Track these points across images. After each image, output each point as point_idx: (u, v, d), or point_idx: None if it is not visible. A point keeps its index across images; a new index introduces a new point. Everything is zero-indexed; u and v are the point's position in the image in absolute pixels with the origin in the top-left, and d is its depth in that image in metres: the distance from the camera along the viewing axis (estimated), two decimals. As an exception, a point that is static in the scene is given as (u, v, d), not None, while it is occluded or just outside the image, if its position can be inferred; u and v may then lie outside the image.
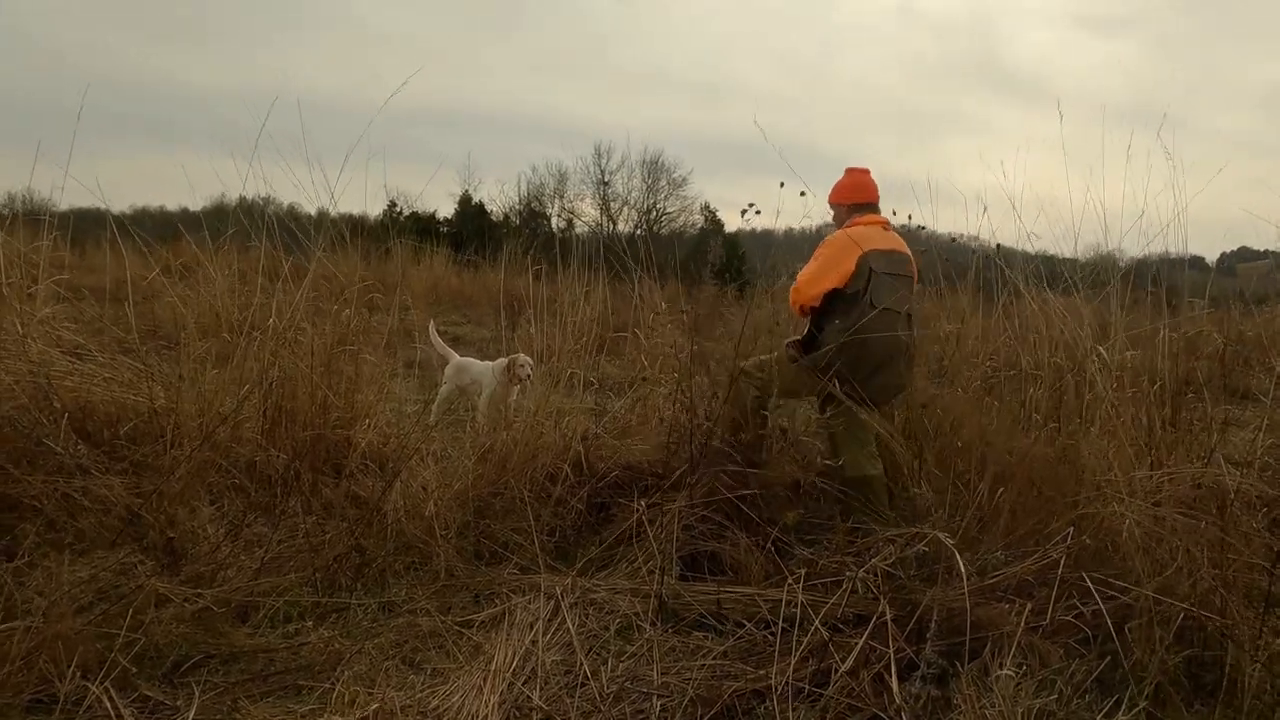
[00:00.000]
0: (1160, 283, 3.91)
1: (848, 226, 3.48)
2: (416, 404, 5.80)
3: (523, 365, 4.71)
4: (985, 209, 4.39)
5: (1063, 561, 2.40)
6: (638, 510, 3.06)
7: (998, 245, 4.69)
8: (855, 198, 3.59)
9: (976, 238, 5.00)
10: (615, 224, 27.57)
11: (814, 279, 3.41)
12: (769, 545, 2.87)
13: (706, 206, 27.57)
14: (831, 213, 3.76)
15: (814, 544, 2.97)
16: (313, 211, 4.95)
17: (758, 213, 4.06)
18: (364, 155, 3.92)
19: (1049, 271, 4.21)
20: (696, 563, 2.99)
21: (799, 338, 3.55)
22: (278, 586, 2.72)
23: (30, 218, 4.90)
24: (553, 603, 2.70)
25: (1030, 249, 4.45)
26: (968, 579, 2.33)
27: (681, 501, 3.02)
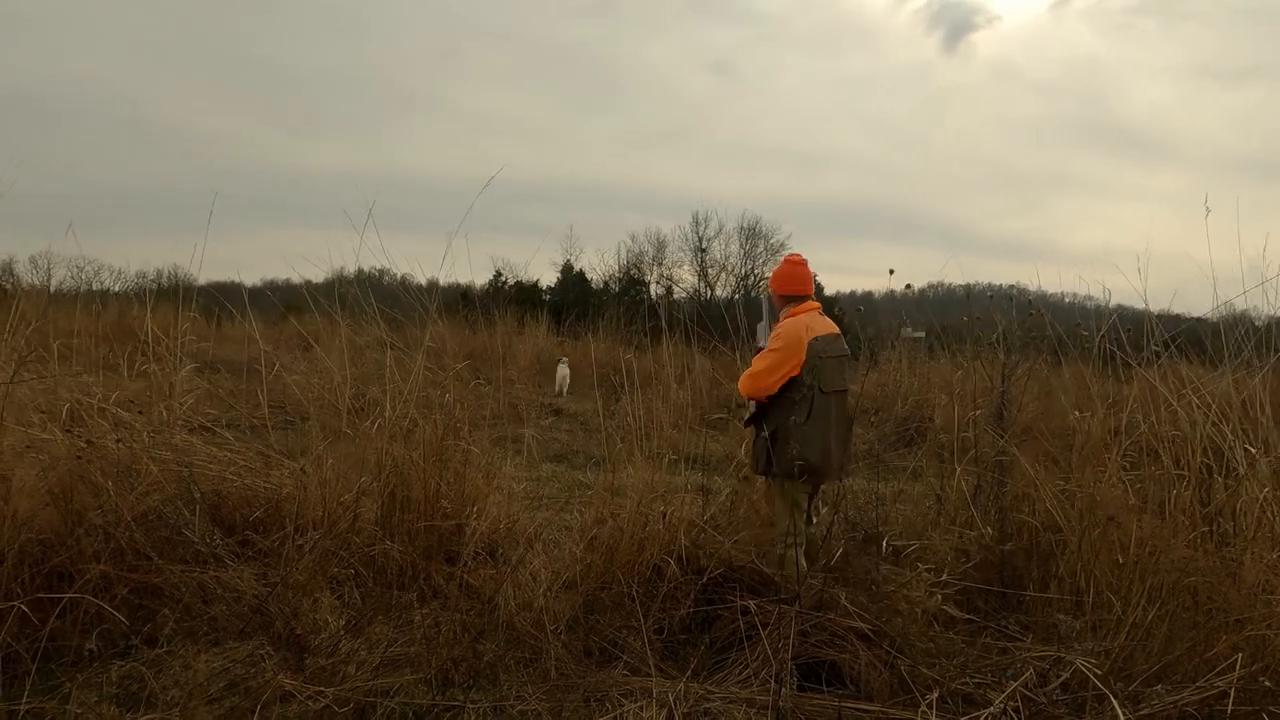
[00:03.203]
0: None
1: (791, 314, 3.66)
2: (525, 481, 5.90)
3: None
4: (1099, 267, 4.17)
5: (1232, 693, 2.15)
6: (749, 611, 2.96)
7: (1116, 304, 4.46)
8: (792, 289, 3.73)
9: (1090, 297, 4.76)
10: (713, 290, 27.67)
11: (773, 367, 3.52)
12: (892, 656, 2.70)
13: (805, 269, 27.36)
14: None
15: (936, 662, 2.77)
16: (423, 281, 5.22)
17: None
18: (470, 229, 4.15)
19: (1174, 331, 3.94)
20: (813, 671, 2.84)
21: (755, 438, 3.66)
22: (394, 685, 2.75)
23: (174, 287, 5.38)
24: (665, 710, 2.62)
25: (1152, 307, 4.19)
26: (1121, 712, 2.11)
27: (796, 606, 2.90)
